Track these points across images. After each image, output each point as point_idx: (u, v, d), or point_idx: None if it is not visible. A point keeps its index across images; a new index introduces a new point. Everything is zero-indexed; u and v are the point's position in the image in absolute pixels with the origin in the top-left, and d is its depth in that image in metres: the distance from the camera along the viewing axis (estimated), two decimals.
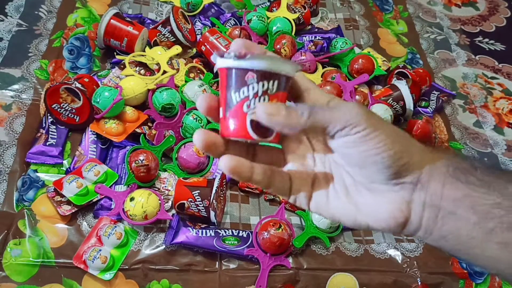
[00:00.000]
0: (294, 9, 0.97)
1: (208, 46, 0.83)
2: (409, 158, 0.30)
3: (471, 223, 0.29)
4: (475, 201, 0.29)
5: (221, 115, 0.32)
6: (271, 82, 0.30)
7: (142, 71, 0.79)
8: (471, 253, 0.31)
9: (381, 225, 0.32)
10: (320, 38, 0.97)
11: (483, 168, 0.31)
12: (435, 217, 0.31)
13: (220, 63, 0.31)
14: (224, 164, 0.31)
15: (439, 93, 0.93)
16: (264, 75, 0.30)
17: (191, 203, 0.65)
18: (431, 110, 0.90)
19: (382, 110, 0.80)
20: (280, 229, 0.64)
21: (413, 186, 0.31)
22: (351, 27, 1.05)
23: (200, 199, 0.65)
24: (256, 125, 0.31)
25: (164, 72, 0.78)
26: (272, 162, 0.34)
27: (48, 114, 0.73)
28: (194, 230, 0.64)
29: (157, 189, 0.69)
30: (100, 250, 0.61)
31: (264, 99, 0.30)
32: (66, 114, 0.72)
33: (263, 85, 0.30)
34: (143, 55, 0.80)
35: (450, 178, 0.30)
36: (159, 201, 0.66)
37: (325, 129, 0.30)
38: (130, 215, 0.64)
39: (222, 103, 0.32)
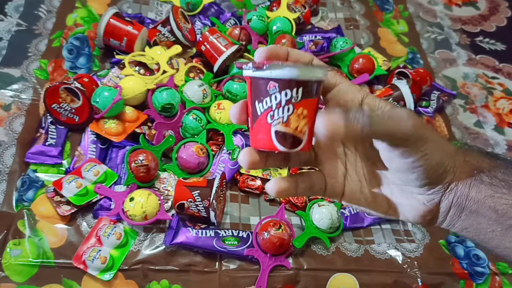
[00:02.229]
0: (294, 8, 0.97)
1: (208, 46, 0.83)
2: (445, 167, 0.32)
3: (492, 219, 0.33)
4: (496, 201, 0.32)
5: (249, 125, 0.32)
6: (294, 90, 0.29)
7: (142, 71, 0.79)
8: (490, 243, 0.34)
9: (409, 220, 0.36)
10: (320, 38, 0.97)
11: (505, 167, 0.34)
12: (459, 214, 0.34)
13: (244, 73, 0.31)
14: (271, 189, 0.33)
15: (439, 93, 0.93)
16: (286, 84, 0.29)
17: (191, 203, 0.65)
18: (432, 110, 0.90)
19: None
20: (280, 230, 0.64)
21: (444, 190, 0.33)
22: (352, 27, 1.05)
23: (200, 199, 0.65)
24: (282, 135, 0.30)
25: (164, 72, 0.78)
26: (306, 162, 0.36)
27: (48, 114, 0.73)
28: (194, 230, 0.64)
29: (156, 189, 0.69)
30: (99, 250, 0.61)
31: (288, 109, 0.29)
32: (66, 114, 0.72)
33: (286, 94, 0.29)
34: (142, 55, 0.80)
35: (475, 181, 0.33)
36: (159, 201, 0.66)
37: (383, 138, 0.31)
38: (130, 215, 0.63)
39: (250, 113, 0.31)
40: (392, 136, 0.30)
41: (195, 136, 0.74)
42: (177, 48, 0.81)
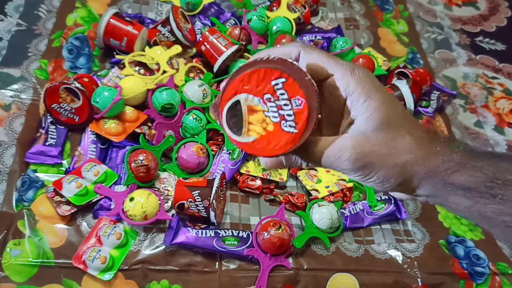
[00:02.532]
0: (294, 8, 0.97)
1: (208, 46, 0.83)
2: (409, 175, 0.32)
3: (458, 195, 0.32)
4: (450, 174, 0.32)
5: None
6: None
7: (142, 71, 0.79)
8: (443, 201, 0.34)
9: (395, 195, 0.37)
10: (320, 38, 0.97)
11: (463, 150, 0.33)
12: (437, 202, 0.35)
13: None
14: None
15: (439, 93, 0.93)
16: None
17: (191, 203, 0.65)
18: (432, 110, 0.90)
19: None
20: (280, 230, 0.64)
21: (425, 198, 0.34)
22: (352, 27, 1.05)
23: (200, 199, 0.65)
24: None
25: (164, 72, 0.78)
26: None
27: (48, 114, 0.73)
28: (194, 230, 0.64)
29: (156, 189, 0.69)
30: (99, 250, 0.61)
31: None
32: (66, 114, 0.72)
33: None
34: (142, 55, 0.80)
35: (441, 173, 0.32)
36: (159, 201, 0.66)
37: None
38: (130, 215, 0.63)
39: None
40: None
41: (195, 136, 0.74)
42: (177, 48, 0.81)
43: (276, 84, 0.31)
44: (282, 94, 0.31)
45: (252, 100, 0.32)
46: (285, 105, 0.31)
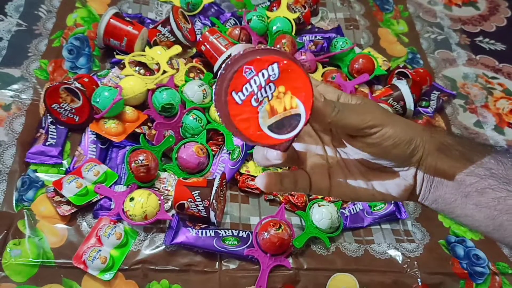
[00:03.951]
0: (294, 8, 0.97)
1: (208, 46, 0.83)
2: (416, 142, 0.35)
3: (454, 188, 0.36)
4: (455, 171, 0.36)
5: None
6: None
7: (142, 71, 0.79)
8: (455, 212, 0.37)
9: (395, 198, 0.39)
10: (320, 38, 0.97)
11: (465, 143, 0.37)
12: (430, 186, 0.37)
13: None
14: (260, 182, 0.35)
15: (439, 93, 0.93)
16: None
17: (191, 203, 0.65)
18: (432, 110, 0.90)
19: None
20: (280, 229, 0.64)
21: (417, 164, 0.37)
22: (352, 27, 1.05)
23: (200, 199, 0.65)
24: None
25: (164, 72, 0.78)
26: (289, 161, 0.38)
27: (48, 114, 0.73)
28: (194, 230, 0.64)
29: (157, 189, 0.69)
30: (99, 250, 0.61)
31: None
32: (66, 114, 0.72)
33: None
34: (142, 55, 0.80)
35: (439, 153, 0.36)
36: (159, 201, 0.66)
37: (352, 128, 0.33)
38: (130, 215, 0.63)
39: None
40: (351, 126, 0.33)
41: (195, 136, 0.74)
42: (177, 48, 0.81)
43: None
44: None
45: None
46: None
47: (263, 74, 0.29)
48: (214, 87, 0.30)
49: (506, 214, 0.34)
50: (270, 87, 0.29)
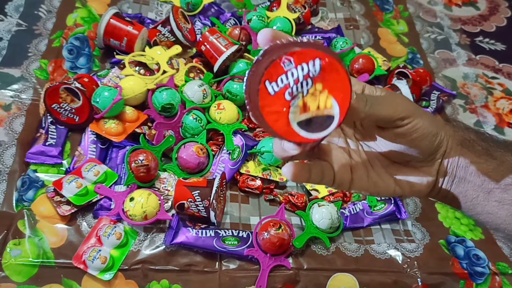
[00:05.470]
0: (294, 8, 0.97)
1: (208, 46, 0.83)
2: (440, 136, 0.35)
3: (476, 185, 0.36)
4: (478, 166, 0.36)
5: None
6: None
7: (142, 71, 0.79)
8: (476, 209, 0.37)
9: (416, 194, 0.38)
10: (320, 38, 0.97)
11: (488, 139, 0.37)
12: (451, 182, 0.37)
13: None
14: (288, 172, 0.33)
15: (439, 93, 0.93)
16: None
17: (191, 203, 0.65)
18: (432, 110, 0.90)
19: None
20: (280, 229, 0.64)
21: (440, 158, 0.36)
22: (351, 27, 1.05)
23: (200, 199, 0.65)
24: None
25: (164, 72, 0.78)
26: (307, 154, 0.36)
27: (48, 114, 0.73)
28: (194, 230, 0.64)
29: (157, 189, 0.69)
30: (99, 250, 0.61)
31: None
32: (66, 114, 0.72)
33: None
34: (142, 55, 0.80)
35: (462, 149, 0.36)
36: (159, 201, 0.66)
37: (384, 120, 0.33)
38: (130, 215, 0.63)
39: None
40: (383, 119, 0.33)
41: (195, 136, 0.74)
42: (177, 48, 0.81)
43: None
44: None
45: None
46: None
47: (302, 68, 0.28)
48: (247, 72, 0.28)
49: None
50: (307, 83, 0.28)
